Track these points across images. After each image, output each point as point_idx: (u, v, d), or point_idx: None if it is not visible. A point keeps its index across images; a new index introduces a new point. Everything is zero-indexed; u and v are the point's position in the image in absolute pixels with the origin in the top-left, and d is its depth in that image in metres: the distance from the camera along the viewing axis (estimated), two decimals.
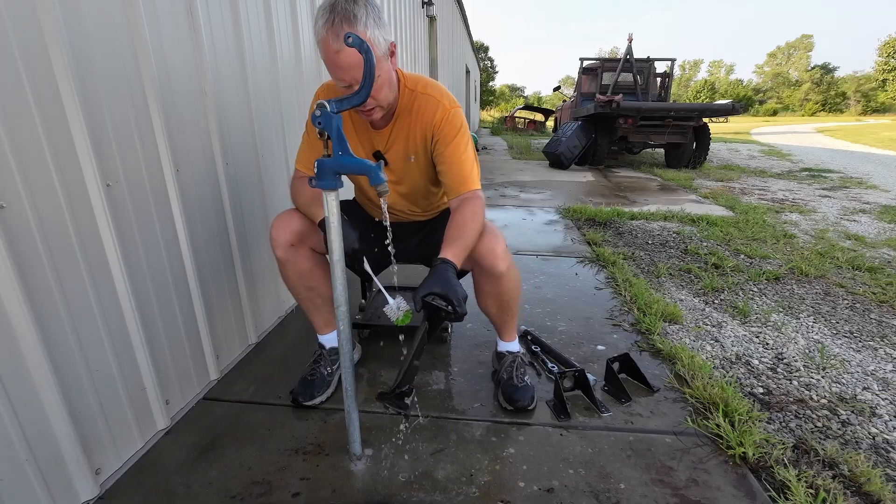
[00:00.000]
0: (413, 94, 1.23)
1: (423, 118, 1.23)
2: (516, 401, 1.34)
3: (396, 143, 1.28)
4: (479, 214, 1.19)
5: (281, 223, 1.30)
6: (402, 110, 1.24)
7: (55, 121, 0.94)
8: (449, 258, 1.06)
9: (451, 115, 1.22)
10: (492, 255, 1.24)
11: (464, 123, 1.25)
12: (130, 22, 1.12)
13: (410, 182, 1.36)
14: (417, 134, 1.25)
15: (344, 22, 0.98)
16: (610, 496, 1.07)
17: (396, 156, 1.29)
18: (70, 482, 1.00)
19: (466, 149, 1.24)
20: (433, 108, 1.22)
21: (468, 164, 1.23)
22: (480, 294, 1.39)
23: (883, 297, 2.25)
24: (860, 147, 11.71)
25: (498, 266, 1.26)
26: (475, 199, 1.21)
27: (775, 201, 4.74)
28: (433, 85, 1.26)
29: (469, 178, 1.23)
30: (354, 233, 1.13)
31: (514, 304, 1.41)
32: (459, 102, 1.29)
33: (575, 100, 9.73)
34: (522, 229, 3.49)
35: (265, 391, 1.46)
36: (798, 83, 73.76)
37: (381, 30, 1.04)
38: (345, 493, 1.07)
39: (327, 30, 0.99)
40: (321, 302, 1.42)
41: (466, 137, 1.25)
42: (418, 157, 1.29)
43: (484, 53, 45.86)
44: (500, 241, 1.26)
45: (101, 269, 1.07)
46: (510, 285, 1.33)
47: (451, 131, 1.22)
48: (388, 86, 1.14)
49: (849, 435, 1.32)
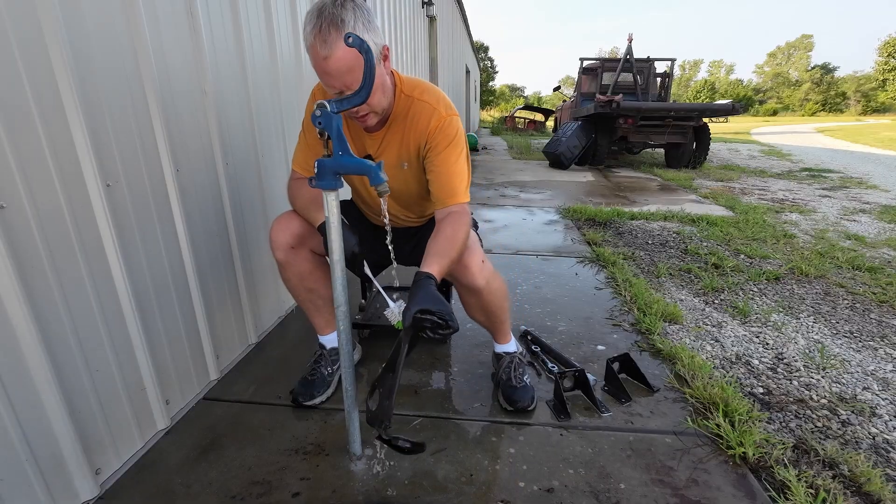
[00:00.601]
0: (409, 99, 1.20)
1: (417, 125, 1.19)
2: (516, 401, 1.34)
3: (389, 149, 1.25)
4: (463, 231, 1.14)
5: (280, 226, 1.29)
6: (397, 116, 1.21)
7: (55, 121, 0.94)
8: (433, 273, 1.03)
9: (446, 124, 1.18)
10: (467, 272, 1.22)
11: (459, 132, 1.21)
12: (130, 22, 1.12)
13: (403, 189, 1.33)
14: (412, 141, 1.22)
15: (332, 27, 0.95)
16: (610, 496, 1.07)
17: (389, 161, 1.25)
18: (70, 482, 1.00)
19: (458, 160, 1.20)
20: (428, 116, 1.18)
21: (458, 176, 1.19)
22: (466, 305, 1.38)
23: (883, 297, 2.25)
24: (860, 147, 11.71)
25: (476, 282, 1.24)
26: (461, 214, 1.17)
27: (775, 201, 4.74)
28: (430, 91, 1.22)
29: (457, 190, 1.18)
30: (354, 236, 1.12)
31: (501, 312, 1.39)
32: (459, 103, 1.29)
33: (575, 100, 9.73)
34: (522, 229, 3.49)
35: (265, 391, 1.46)
36: (798, 83, 73.76)
37: (372, 33, 1.01)
38: (345, 494, 1.07)
39: (315, 35, 0.97)
40: (322, 303, 1.42)
41: (460, 148, 1.21)
42: (412, 165, 1.26)
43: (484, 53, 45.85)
44: (475, 255, 1.23)
45: (101, 269, 1.07)
46: (492, 297, 1.31)
47: (444, 140, 1.18)
48: (381, 91, 1.10)
49: (849, 435, 1.32)
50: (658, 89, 9.23)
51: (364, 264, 1.12)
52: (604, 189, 5.46)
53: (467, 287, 1.27)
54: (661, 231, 3.49)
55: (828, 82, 69.84)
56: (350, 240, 1.08)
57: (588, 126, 7.30)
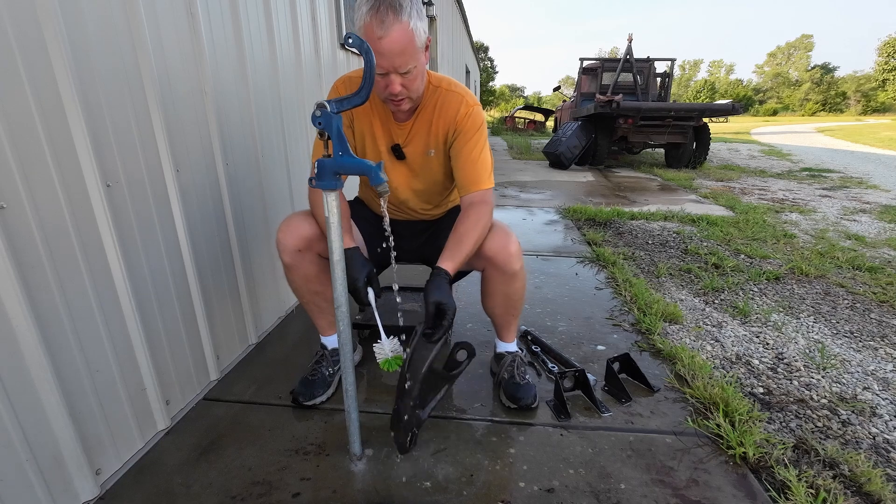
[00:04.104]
0: (437, 90, 1.25)
1: (446, 113, 1.25)
2: (519, 399, 1.34)
3: (416, 138, 1.29)
4: (483, 221, 1.20)
5: (289, 228, 1.28)
6: (426, 106, 1.26)
7: (55, 121, 0.94)
8: (449, 270, 1.11)
9: (475, 112, 1.24)
10: (505, 252, 1.26)
11: (484, 123, 1.28)
12: (130, 22, 1.12)
13: (428, 177, 1.36)
14: (440, 129, 1.27)
15: (390, 10, 1.00)
16: (610, 496, 1.07)
17: (416, 150, 1.30)
18: (70, 482, 1.00)
19: (484, 148, 1.26)
20: (457, 104, 1.24)
21: (482, 163, 1.25)
22: (488, 294, 1.39)
23: (883, 297, 2.25)
24: (860, 147, 11.71)
25: (512, 264, 1.27)
26: (483, 204, 1.22)
27: (775, 201, 4.74)
28: (457, 84, 1.28)
29: (482, 177, 1.24)
30: (366, 268, 1.14)
31: (520, 305, 1.41)
32: None
33: (575, 100, 9.73)
34: (523, 229, 3.49)
35: (265, 391, 1.46)
36: (798, 83, 73.77)
37: (423, 22, 1.07)
38: (345, 494, 1.07)
39: (371, 16, 1.00)
40: (326, 305, 1.41)
41: (485, 137, 1.27)
42: (438, 152, 1.30)
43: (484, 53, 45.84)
44: (512, 239, 1.27)
45: (102, 269, 1.07)
46: (520, 285, 1.34)
47: (472, 127, 1.24)
48: (421, 78, 1.16)
49: (849, 435, 1.32)
50: (658, 89, 9.23)
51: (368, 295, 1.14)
52: (604, 189, 5.46)
53: (502, 270, 1.28)
54: (661, 231, 3.49)
55: (828, 82, 69.83)
56: (361, 270, 1.12)
57: (588, 126, 7.30)
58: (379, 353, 1.12)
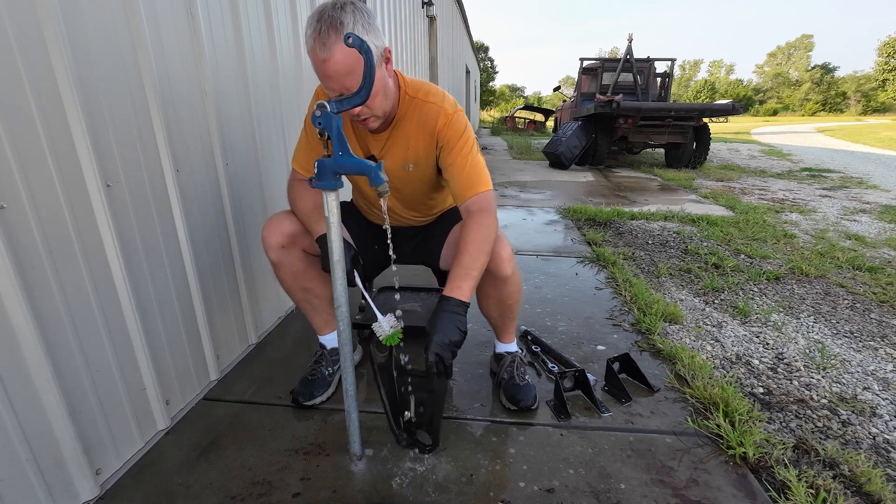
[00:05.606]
0: (414, 101, 1.20)
1: (425, 128, 1.21)
2: (519, 400, 1.34)
3: (393, 151, 1.25)
4: (486, 231, 1.15)
5: (272, 226, 1.29)
6: (402, 117, 1.21)
7: (55, 121, 0.94)
8: (460, 297, 1.06)
9: (454, 120, 1.20)
10: (497, 258, 1.24)
11: (467, 126, 1.24)
12: (130, 22, 1.12)
13: (408, 189, 1.34)
14: (420, 144, 1.23)
15: (331, 29, 0.95)
16: (610, 496, 1.07)
17: (393, 163, 1.27)
18: (70, 482, 1.00)
19: (471, 151, 1.22)
20: (435, 116, 1.20)
21: (474, 167, 1.21)
22: (483, 297, 1.38)
23: (883, 297, 2.25)
24: (860, 147, 11.71)
25: (503, 269, 1.26)
26: (482, 211, 1.18)
27: (775, 201, 4.74)
28: (434, 91, 1.23)
29: (476, 181, 1.20)
30: (351, 251, 1.13)
31: (515, 308, 1.40)
32: (460, 103, 1.28)
33: (575, 100, 9.73)
34: (522, 229, 3.49)
35: (265, 391, 1.46)
36: (798, 83, 73.76)
37: (373, 35, 1.00)
38: (345, 494, 1.07)
39: (314, 38, 0.97)
40: (318, 303, 1.41)
41: (471, 140, 1.23)
42: (419, 166, 1.27)
43: (484, 53, 45.82)
44: (505, 245, 1.26)
45: (102, 269, 1.07)
46: (513, 289, 1.33)
47: (455, 136, 1.21)
48: (382, 93, 1.10)
49: (849, 435, 1.32)
50: (658, 89, 9.23)
51: (356, 277, 1.13)
52: (604, 189, 5.46)
53: (495, 275, 1.27)
54: (661, 231, 3.49)
55: (828, 82, 69.83)
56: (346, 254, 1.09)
57: (588, 126, 7.30)
58: (379, 332, 1.10)
